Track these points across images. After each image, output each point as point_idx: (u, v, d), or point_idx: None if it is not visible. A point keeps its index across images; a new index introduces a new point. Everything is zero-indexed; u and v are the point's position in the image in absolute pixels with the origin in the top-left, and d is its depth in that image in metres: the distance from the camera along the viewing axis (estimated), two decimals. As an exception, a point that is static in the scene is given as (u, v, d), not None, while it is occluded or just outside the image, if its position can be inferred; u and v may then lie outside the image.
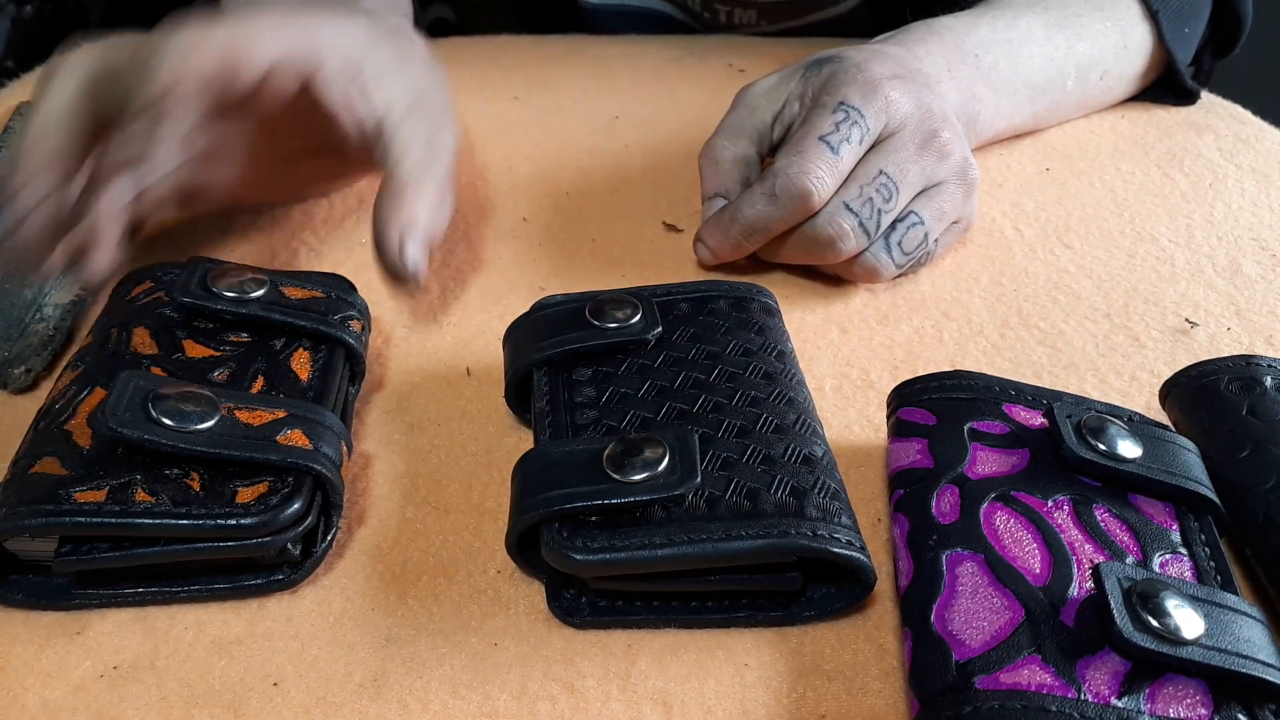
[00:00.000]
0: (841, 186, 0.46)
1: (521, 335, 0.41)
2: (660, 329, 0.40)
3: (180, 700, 0.31)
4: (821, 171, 0.45)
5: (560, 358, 0.39)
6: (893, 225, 0.48)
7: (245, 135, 0.45)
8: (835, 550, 0.31)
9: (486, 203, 0.56)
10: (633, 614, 0.33)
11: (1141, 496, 0.34)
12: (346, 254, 0.51)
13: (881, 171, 0.47)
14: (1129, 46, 0.64)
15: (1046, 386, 0.40)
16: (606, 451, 0.33)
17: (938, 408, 0.38)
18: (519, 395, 0.41)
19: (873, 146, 0.47)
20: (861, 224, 0.46)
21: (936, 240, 0.49)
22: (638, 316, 0.40)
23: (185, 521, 0.32)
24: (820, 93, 0.49)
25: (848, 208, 0.46)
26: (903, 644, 0.32)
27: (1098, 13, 0.62)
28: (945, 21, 0.58)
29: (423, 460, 0.40)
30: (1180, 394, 0.40)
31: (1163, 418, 0.41)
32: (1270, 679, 0.28)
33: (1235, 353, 0.45)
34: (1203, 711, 0.27)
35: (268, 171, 0.49)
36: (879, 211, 0.47)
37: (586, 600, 0.33)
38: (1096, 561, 0.31)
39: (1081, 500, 0.34)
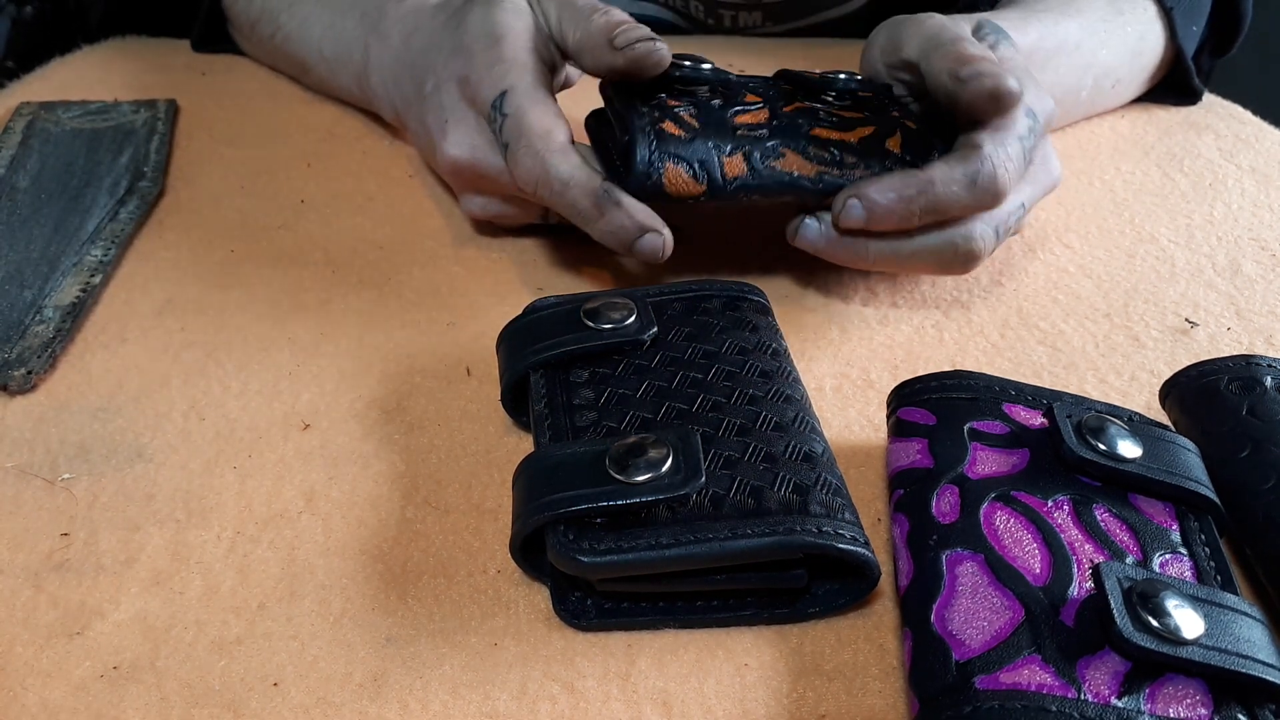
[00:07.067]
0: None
1: (515, 339, 0.41)
2: (655, 329, 0.40)
3: (180, 700, 0.31)
4: (1014, 177, 0.44)
5: (557, 360, 0.39)
6: None
7: None
8: (840, 546, 0.31)
9: (486, 203, 0.56)
10: (639, 615, 0.33)
11: (1141, 496, 0.34)
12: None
13: (1023, 205, 0.47)
14: (1143, 53, 0.64)
15: (1046, 386, 0.40)
16: (609, 452, 0.33)
17: (938, 408, 0.38)
18: (515, 399, 0.40)
19: None
20: (994, 248, 0.46)
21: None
22: (633, 317, 0.40)
23: None
24: None
25: (997, 234, 0.46)
26: (903, 644, 0.32)
27: (1119, 17, 0.62)
28: (1007, 20, 0.56)
29: (423, 460, 0.40)
30: (1180, 394, 0.40)
31: (1163, 418, 0.41)
32: (1270, 679, 0.28)
33: (1235, 353, 0.45)
34: (1203, 711, 0.27)
35: None
36: (1005, 235, 0.47)
37: (593, 603, 0.33)
38: (1096, 561, 0.31)
39: (1081, 500, 0.34)
